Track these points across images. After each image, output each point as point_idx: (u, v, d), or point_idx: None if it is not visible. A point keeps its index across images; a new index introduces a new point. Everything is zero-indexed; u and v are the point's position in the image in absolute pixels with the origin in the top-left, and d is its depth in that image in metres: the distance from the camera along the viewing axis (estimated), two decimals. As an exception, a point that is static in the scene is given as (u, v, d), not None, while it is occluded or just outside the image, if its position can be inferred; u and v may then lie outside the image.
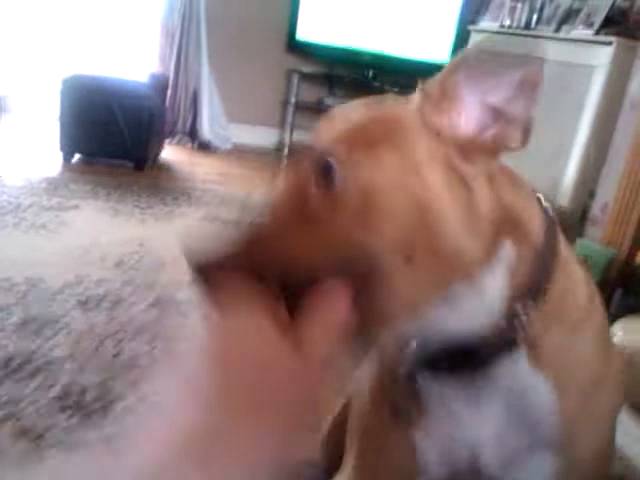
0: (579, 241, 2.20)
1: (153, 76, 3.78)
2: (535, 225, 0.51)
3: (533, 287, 0.49)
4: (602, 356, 0.56)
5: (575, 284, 0.54)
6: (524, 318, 0.48)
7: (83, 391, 1.51)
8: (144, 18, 4.20)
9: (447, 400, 0.55)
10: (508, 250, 0.48)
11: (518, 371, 0.50)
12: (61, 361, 1.61)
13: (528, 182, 0.55)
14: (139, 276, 2.17)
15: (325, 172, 0.44)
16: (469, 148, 0.46)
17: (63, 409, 1.43)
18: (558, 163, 2.74)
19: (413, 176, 0.44)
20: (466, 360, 0.50)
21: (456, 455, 0.55)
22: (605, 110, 2.54)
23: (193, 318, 1.89)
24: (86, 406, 1.46)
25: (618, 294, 2.01)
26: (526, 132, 0.46)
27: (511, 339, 0.49)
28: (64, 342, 1.70)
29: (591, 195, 2.49)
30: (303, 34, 4.36)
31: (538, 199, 0.54)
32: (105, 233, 2.51)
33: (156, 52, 4.21)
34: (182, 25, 4.12)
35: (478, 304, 0.48)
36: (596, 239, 2.24)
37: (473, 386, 0.52)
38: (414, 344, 0.53)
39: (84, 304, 1.91)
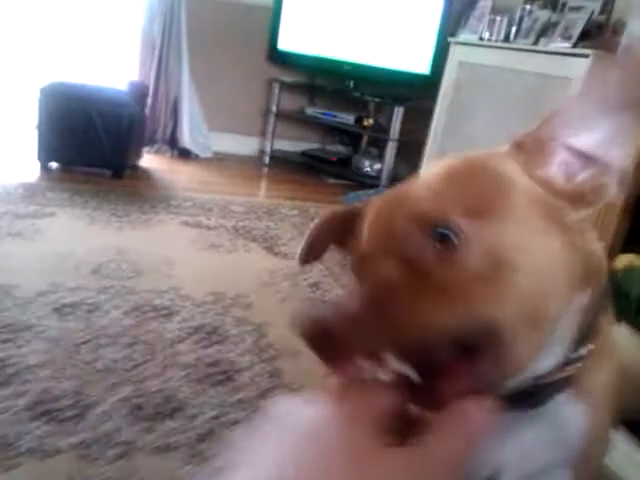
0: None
1: (133, 84, 3.76)
2: (604, 274, 0.50)
3: (592, 329, 0.49)
4: (616, 387, 0.57)
5: (608, 326, 0.55)
6: (582, 363, 0.49)
7: (57, 398, 1.49)
8: (124, 26, 4.18)
9: None
10: (585, 299, 0.48)
11: (562, 405, 0.51)
12: (35, 368, 1.58)
13: None
14: (116, 284, 2.14)
15: (445, 240, 0.41)
16: (572, 200, 0.45)
17: (37, 416, 1.41)
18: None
19: (536, 234, 0.42)
20: (524, 401, 0.50)
21: (476, 472, 0.55)
22: (582, 121, 2.56)
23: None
24: (60, 413, 1.44)
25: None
26: (622, 182, 0.45)
27: (570, 381, 0.49)
28: (38, 349, 1.67)
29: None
30: (284, 44, 4.37)
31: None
32: (81, 241, 2.48)
33: (136, 60, 4.19)
34: (163, 33, 4.10)
35: (553, 349, 0.48)
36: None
37: (514, 418, 0.52)
38: None
39: (59, 311, 1.88)
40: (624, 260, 1.69)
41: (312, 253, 0.59)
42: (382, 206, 0.47)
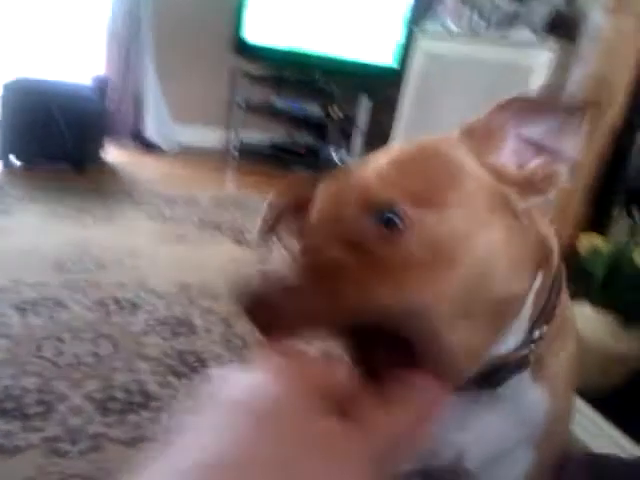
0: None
1: (96, 78, 3.69)
2: (556, 255, 0.51)
3: (547, 311, 0.50)
4: (578, 360, 0.58)
5: (567, 305, 0.55)
6: (540, 342, 0.49)
7: (23, 394, 1.46)
8: (90, 21, 4.10)
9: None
10: (538, 281, 0.48)
11: (520, 385, 0.51)
12: (-3, 366, 1.55)
13: None
14: (78, 278, 2.10)
15: (389, 225, 0.41)
16: (522, 187, 0.45)
17: (2, 413, 1.38)
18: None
19: (481, 224, 0.42)
20: (482, 382, 0.49)
21: (438, 454, 0.55)
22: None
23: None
24: (26, 409, 1.41)
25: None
26: (572, 169, 0.45)
27: (526, 361, 0.50)
28: (1, 346, 1.63)
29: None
30: (250, 36, 4.33)
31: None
32: (44, 237, 2.43)
33: (102, 55, 4.12)
34: (127, 27, 4.03)
35: (512, 334, 0.48)
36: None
37: (473, 400, 0.52)
38: None
39: (21, 308, 1.84)
40: (586, 241, 1.72)
41: (270, 230, 0.58)
42: (330, 190, 0.46)
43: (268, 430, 0.30)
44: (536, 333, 0.49)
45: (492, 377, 0.49)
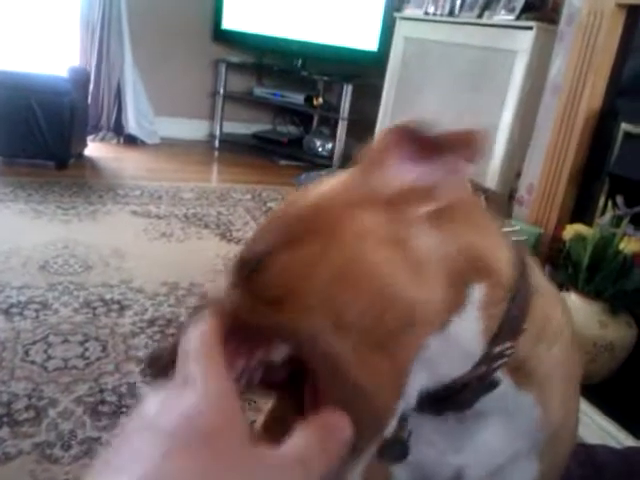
0: (506, 222, 2.25)
1: (73, 70, 3.62)
2: (502, 263, 0.48)
3: (510, 326, 0.47)
4: (573, 364, 0.56)
5: (551, 305, 0.53)
6: (504, 360, 0.47)
7: (12, 400, 1.45)
8: (62, 10, 4.02)
9: (429, 433, 0.53)
10: (477, 294, 0.46)
11: (505, 396, 0.50)
12: (-17, 373, 1.53)
13: (493, 218, 0.52)
14: (64, 280, 2.08)
15: (252, 273, 0.42)
16: (399, 201, 0.44)
17: (-10, 420, 1.37)
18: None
19: (354, 251, 0.42)
20: (450, 405, 0.49)
21: (438, 476, 0.54)
22: (528, 94, 2.60)
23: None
24: (16, 415, 1.40)
25: (547, 271, 2.07)
26: (464, 180, 0.45)
27: (494, 381, 0.48)
28: (-15, 353, 1.62)
29: (517, 176, 2.55)
30: (229, 23, 4.28)
31: (505, 232, 0.52)
32: (27, 237, 2.40)
33: (76, 45, 4.05)
34: (103, 17, 3.97)
35: (455, 352, 0.46)
36: (524, 218, 2.30)
37: (458, 421, 0.51)
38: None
39: (6, 312, 1.82)
40: (572, 230, 1.73)
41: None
42: None
43: (197, 461, 0.30)
44: (496, 350, 0.47)
45: (453, 400, 0.48)
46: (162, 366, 0.44)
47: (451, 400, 0.48)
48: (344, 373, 0.39)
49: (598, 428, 1.49)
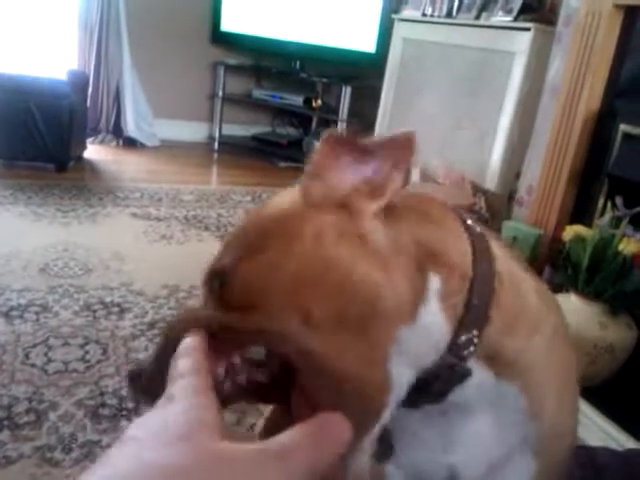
0: (506, 223, 2.25)
1: (72, 73, 3.62)
2: (457, 254, 0.49)
3: (474, 315, 0.48)
4: (563, 354, 0.56)
5: (524, 293, 0.53)
6: (471, 349, 0.48)
7: (12, 403, 1.45)
8: (60, 13, 4.03)
9: (417, 430, 0.54)
10: (435, 284, 0.47)
11: (485, 387, 0.50)
12: (-16, 376, 1.53)
13: (448, 209, 0.54)
14: (64, 282, 2.08)
15: (222, 285, 0.45)
16: (349, 200, 0.46)
17: (-8, 424, 1.37)
18: (484, 147, 2.80)
19: (312, 254, 0.44)
20: (423, 396, 0.49)
21: (431, 477, 0.54)
22: (526, 95, 2.60)
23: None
24: (16, 418, 1.40)
25: (547, 272, 2.08)
26: (406, 174, 0.47)
27: (465, 371, 0.48)
28: (-15, 357, 1.62)
29: (517, 177, 2.55)
30: (227, 25, 4.29)
31: (464, 223, 0.53)
32: (27, 239, 2.40)
33: (74, 48, 4.06)
34: (101, 19, 3.97)
35: (422, 343, 0.47)
36: (523, 219, 2.30)
37: (444, 415, 0.52)
38: None
39: (7, 315, 1.82)
40: (571, 232, 1.73)
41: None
42: None
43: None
44: (462, 338, 0.47)
45: (427, 391, 0.48)
46: (144, 381, 0.46)
47: (424, 391, 0.49)
48: (323, 367, 0.41)
49: (599, 430, 1.49)
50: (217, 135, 4.43)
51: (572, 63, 2.10)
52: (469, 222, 0.53)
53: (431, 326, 0.47)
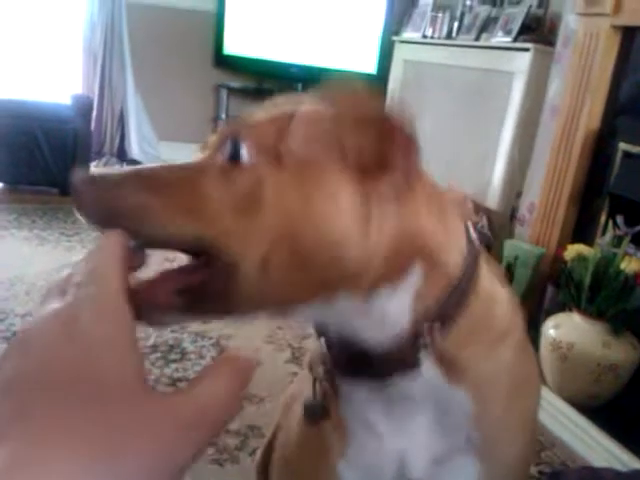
0: (508, 242, 2.25)
1: (76, 97, 3.66)
2: (451, 257, 0.50)
3: (443, 313, 0.49)
4: (520, 368, 0.57)
5: (495, 305, 0.54)
6: (428, 339, 0.49)
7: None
8: (64, 38, 4.08)
9: (367, 416, 0.55)
10: (416, 276, 0.48)
11: (433, 386, 0.51)
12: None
13: (462, 212, 0.55)
14: (68, 306, 2.08)
15: (233, 152, 0.45)
16: (371, 173, 0.46)
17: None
18: (485, 167, 2.81)
19: (311, 197, 0.44)
20: (366, 370, 0.51)
21: (382, 472, 0.55)
22: (527, 114, 2.62)
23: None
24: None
25: (550, 291, 2.07)
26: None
27: (413, 359, 0.49)
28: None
29: (518, 196, 2.56)
30: (230, 48, 4.34)
31: (466, 228, 0.54)
32: (31, 264, 2.41)
33: (79, 73, 4.10)
34: (104, 44, 4.02)
35: (378, 318, 0.48)
36: (525, 238, 2.30)
37: (391, 401, 0.53)
38: (323, 342, 0.54)
39: (10, 340, 1.81)
40: (573, 251, 1.73)
41: None
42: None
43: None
44: (421, 331, 0.48)
45: (371, 365, 0.50)
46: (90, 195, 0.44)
47: (368, 365, 0.50)
48: (241, 275, 0.43)
49: (603, 450, 1.48)
50: (220, 157, 4.46)
51: (571, 83, 2.12)
52: (471, 231, 0.54)
53: (391, 308, 0.48)
